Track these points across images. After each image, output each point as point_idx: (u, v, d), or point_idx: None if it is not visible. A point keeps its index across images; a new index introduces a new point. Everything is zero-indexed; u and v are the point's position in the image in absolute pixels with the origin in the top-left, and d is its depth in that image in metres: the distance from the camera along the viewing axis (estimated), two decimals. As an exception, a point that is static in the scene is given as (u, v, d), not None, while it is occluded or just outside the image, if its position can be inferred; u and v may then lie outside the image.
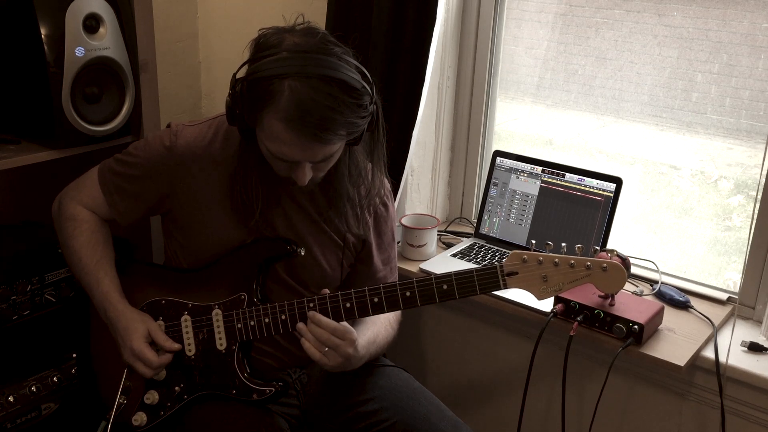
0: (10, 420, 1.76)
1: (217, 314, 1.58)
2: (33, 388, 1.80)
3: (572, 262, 1.41)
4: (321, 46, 1.37)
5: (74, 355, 1.88)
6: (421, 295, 1.47)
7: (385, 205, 1.71)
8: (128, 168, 1.62)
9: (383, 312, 1.51)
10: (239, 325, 1.56)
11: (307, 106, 1.32)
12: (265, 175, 1.51)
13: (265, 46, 1.38)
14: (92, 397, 1.70)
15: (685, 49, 1.95)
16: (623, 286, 1.44)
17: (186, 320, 1.60)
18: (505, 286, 1.44)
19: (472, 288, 1.45)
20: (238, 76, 1.40)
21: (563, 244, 1.44)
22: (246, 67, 1.40)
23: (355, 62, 1.40)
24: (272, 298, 1.60)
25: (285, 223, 1.60)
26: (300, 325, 1.49)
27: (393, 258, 1.78)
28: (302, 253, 1.58)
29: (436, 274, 1.48)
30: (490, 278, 1.44)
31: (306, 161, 1.42)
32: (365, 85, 1.39)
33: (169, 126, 1.62)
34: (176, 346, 1.58)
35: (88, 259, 1.62)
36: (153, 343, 1.57)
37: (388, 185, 1.72)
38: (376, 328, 1.64)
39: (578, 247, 1.44)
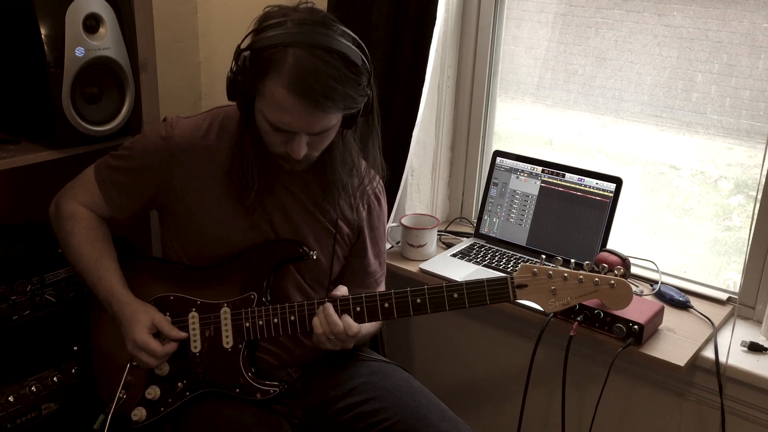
0: (10, 420, 1.76)
1: (225, 312, 1.58)
2: (33, 388, 1.80)
3: (581, 277, 1.44)
4: (325, 22, 1.41)
5: (75, 348, 1.88)
6: (432, 302, 1.50)
7: (378, 199, 1.73)
8: (125, 161, 1.63)
9: (393, 317, 1.53)
10: (247, 324, 1.57)
11: (310, 73, 1.35)
12: (261, 154, 1.52)
13: (269, 18, 1.42)
14: (92, 397, 1.70)
15: (685, 49, 1.95)
16: (630, 302, 1.47)
17: (193, 317, 1.60)
18: (515, 298, 1.47)
19: (482, 298, 1.48)
20: (242, 47, 1.42)
21: (572, 261, 1.48)
22: (250, 38, 1.42)
23: (356, 39, 1.43)
24: (272, 289, 1.61)
25: (281, 214, 1.61)
26: (329, 306, 1.52)
27: (383, 252, 1.80)
28: (314, 257, 1.60)
29: (447, 283, 1.49)
30: (500, 289, 1.47)
31: (303, 132, 1.43)
32: (365, 61, 1.42)
33: (165, 120, 1.63)
34: (182, 334, 1.59)
35: (89, 256, 1.62)
36: (157, 335, 1.58)
37: (380, 180, 1.74)
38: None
39: (587, 264, 1.47)
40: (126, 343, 1.57)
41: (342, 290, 1.57)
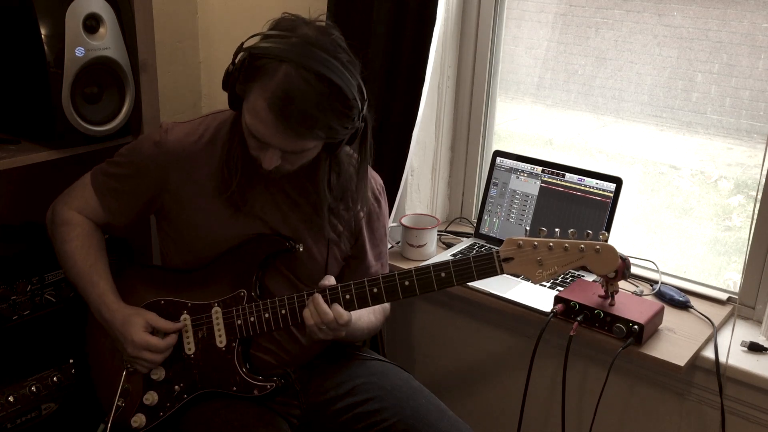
0: (10, 420, 1.76)
1: (216, 312, 1.58)
2: (33, 388, 1.80)
3: (566, 245, 1.44)
4: (329, 47, 1.38)
5: (71, 361, 1.88)
6: (420, 283, 1.49)
7: (378, 201, 1.73)
8: (120, 168, 1.64)
9: (382, 302, 1.53)
10: (239, 322, 1.57)
11: (293, 96, 1.34)
12: (246, 149, 1.51)
13: (279, 27, 1.41)
14: (92, 398, 1.70)
15: (685, 49, 1.95)
16: (616, 266, 1.47)
17: (185, 319, 1.60)
18: (502, 272, 1.47)
19: (469, 274, 1.47)
20: (244, 46, 1.41)
21: (557, 230, 1.47)
22: (255, 39, 1.41)
23: (358, 77, 1.41)
24: (268, 290, 1.61)
25: (279, 216, 1.61)
26: (317, 296, 1.51)
27: (385, 253, 1.79)
28: (301, 249, 1.59)
29: (434, 263, 1.49)
30: (486, 264, 1.47)
31: (276, 147, 1.42)
32: (357, 98, 1.40)
33: (160, 125, 1.63)
34: (179, 325, 1.59)
35: (82, 263, 1.62)
36: (154, 333, 1.58)
37: (380, 181, 1.73)
38: (359, 312, 1.62)
39: (571, 232, 1.46)
40: (124, 347, 1.57)
41: (330, 280, 1.56)
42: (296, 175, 1.56)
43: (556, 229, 1.47)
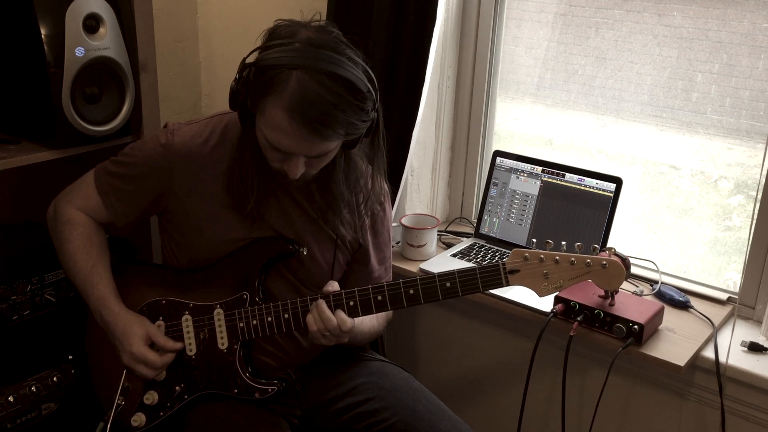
0: (10, 420, 1.76)
1: (218, 314, 1.58)
2: (33, 388, 1.80)
3: (572, 259, 1.44)
4: (334, 45, 1.38)
5: (70, 357, 1.88)
6: (425, 292, 1.49)
7: (382, 206, 1.72)
8: (124, 168, 1.62)
9: (386, 310, 1.52)
10: (241, 324, 1.56)
11: (311, 99, 1.33)
12: (260, 164, 1.51)
13: (278, 35, 1.39)
14: (92, 398, 1.70)
15: (685, 49, 1.95)
16: (622, 282, 1.47)
17: (187, 320, 1.60)
18: (508, 284, 1.46)
19: (474, 285, 1.47)
20: (247, 61, 1.40)
21: (563, 243, 1.46)
22: (256, 53, 1.40)
23: (364, 65, 1.41)
24: (271, 293, 1.60)
25: (283, 221, 1.60)
26: (321, 302, 1.51)
27: (388, 258, 1.79)
28: (305, 253, 1.58)
29: (440, 272, 1.48)
30: (492, 276, 1.46)
31: (300, 154, 1.42)
32: (371, 89, 1.40)
33: (166, 126, 1.62)
34: (178, 345, 1.58)
35: (83, 263, 1.61)
36: (152, 345, 1.57)
37: (386, 186, 1.73)
38: (362, 317, 1.61)
39: (578, 246, 1.45)
40: (121, 355, 1.57)
41: (334, 286, 1.55)
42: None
43: (563, 243, 1.46)
